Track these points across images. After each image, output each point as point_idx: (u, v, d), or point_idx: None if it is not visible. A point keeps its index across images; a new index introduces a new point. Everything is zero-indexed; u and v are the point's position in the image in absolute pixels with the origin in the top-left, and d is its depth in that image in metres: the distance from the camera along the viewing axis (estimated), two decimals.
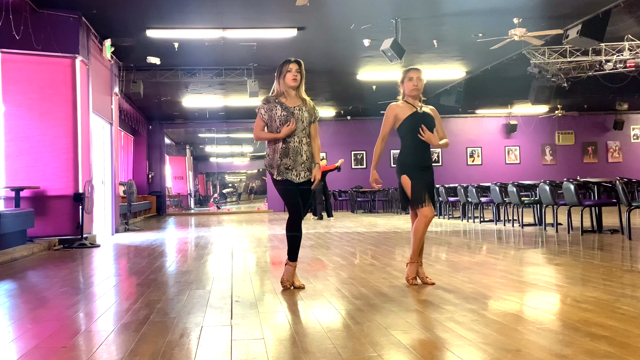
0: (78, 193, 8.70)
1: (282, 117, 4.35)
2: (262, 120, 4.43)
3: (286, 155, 4.35)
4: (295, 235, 4.40)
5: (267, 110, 4.41)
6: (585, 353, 2.52)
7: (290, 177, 4.36)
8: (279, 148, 4.37)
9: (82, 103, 9.23)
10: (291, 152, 4.35)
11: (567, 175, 11.41)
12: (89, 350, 2.85)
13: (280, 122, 4.35)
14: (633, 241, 7.40)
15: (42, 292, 4.76)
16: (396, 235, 9.39)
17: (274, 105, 4.40)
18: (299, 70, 4.40)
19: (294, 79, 4.38)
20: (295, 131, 4.35)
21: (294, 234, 4.39)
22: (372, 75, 14.61)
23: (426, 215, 4.44)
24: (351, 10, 9.75)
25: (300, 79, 4.42)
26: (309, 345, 2.81)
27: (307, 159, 4.39)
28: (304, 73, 4.46)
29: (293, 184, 4.38)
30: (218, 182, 30.93)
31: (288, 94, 4.43)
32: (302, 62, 4.45)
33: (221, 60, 12.95)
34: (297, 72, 4.39)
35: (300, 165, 4.36)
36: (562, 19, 10.32)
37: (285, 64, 4.42)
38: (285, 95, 4.43)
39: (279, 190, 4.45)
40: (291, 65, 4.39)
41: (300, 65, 4.43)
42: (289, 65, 4.39)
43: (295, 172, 4.36)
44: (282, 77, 4.42)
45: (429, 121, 4.55)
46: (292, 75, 4.38)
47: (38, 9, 8.73)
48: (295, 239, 4.41)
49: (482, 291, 4.12)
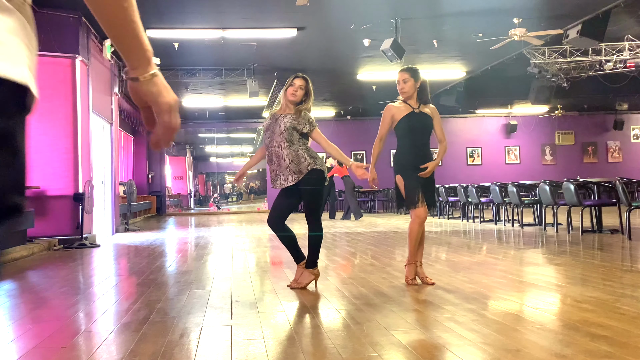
0: (78, 193, 8.69)
1: (266, 125, 4.50)
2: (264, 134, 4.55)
3: (271, 161, 4.44)
4: (284, 235, 4.44)
5: (265, 124, 4.54)
6: (585, 353, 2.52)
7: (280, 183, 4.39)
8: (267, 157, 4.51)
9: (82, 103, 9.22)
10: (274, 156, 4.40)
11: (567, 175, 11.40)
12: (89, 350, 2.85)
13: (264, 130, 4.51)
14: (633, 241, 7.40)
15: (42, 292, 4.76)
16: (396, 235, 9.38)
17: (270, 117, 4.54)
18: (302, 86, 4.40)
19: (293, 93, 4.41)
20: (273, 136, 4.39)
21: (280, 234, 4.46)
22: (372, 75, 14.61)
23: (419, 216, 4.43)
24: (351, 10, 9.75)
25: (304, 96, 4.42)
26: (309, 345, 2.81)
27: (292, 162, 4.34)
28: (311, 91, 4.44)
29: (287, 191, 4.41)
30: (218, 182, 30.92)
31: (288, 107, 4.47)
32: (309, 79, 4.45)
33: (221, 60, 12.95)
34: (300, 88, 4.40)
35: (285, 169, 4.36)
36: (562, 19, 10.32)
37: (292, 78, 4.46)
38: (284, 108, 4.48)
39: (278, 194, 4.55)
40: (295, 80, 4.42)
41: (307, 82, 4.42)
42: (294, 80, 4.43)
43: (283, 176, 4.37)
44: (285, 90, 4.48)
45: (426, 121, 4.54)
46: (292, 90, 4.41)
47: (38, 9, 8.73)
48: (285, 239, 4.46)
49: (482, 291, 4.12)
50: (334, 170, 14.73)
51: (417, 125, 4.51)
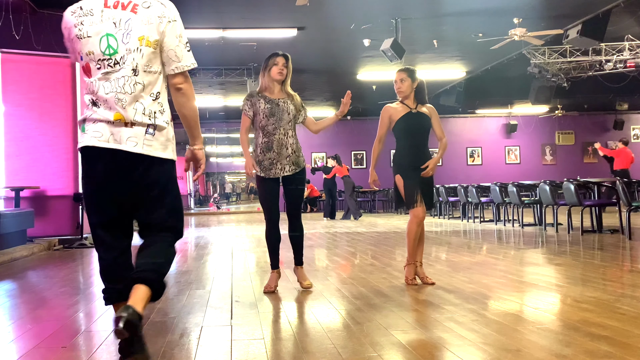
0: (78, 193, 8.69)
1: (266, 110, 4.21)
2: (247, 116, 4.27)
3: (269, 149, 4.23)
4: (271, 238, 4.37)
5: (251, 105, 4.25)
6: (585, 353, 2.52)
7: (275, 172, 4.24)
8: (260, 143, 4.25)
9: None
10: (275, 145, 4.23)
11: (567, 175, 11.39)
12: (89, 350, 2.85)
13: (264, 115, 4.21)
14: (633, 241, 7.40)
15: (42, 292, 4.76)
16: (396, 235, 9.38)
17: (257, 99, 4.25)
18: (285, 64, 4.26)
19: (280, 72, 4.23)
20: (280, 123, 4.24)
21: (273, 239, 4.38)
22: (372, 75, 14.61)
23: (417, 216, 4.43)
24: (351, 10, 9.75)
25: (287, 74, 4.29)
26: (309, 345, 2.81)
27: (293, 152, 4.28)
28: (290, 68, 4.32)
29: (277, 185, 4.29)
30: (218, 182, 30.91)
31: (273, 88, 4.29)
32: (290, 56, 4.33)
33: (221, 60, 12.95)
34: (284, 67, 4.25)
35: (285, 158, 4.25)
36: (562, 19, 10.32)
37: (272, 57, 4.27)
38: (270, 89, 4.29)
39: (260, 190, 4.34)
40: (278, 59, 4.25)
41: (288, 59, 4.29)
42: (276, 59, 4.25)
43: (280, 165, 4.24)
44: (267, 70, 4.27)
45: (424, 121, 4.54)
46: (277, 69, 4.23)
47: (38, 9, 8.73)
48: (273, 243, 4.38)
49: (482, 291, 4.12)
50: (335, 170, 14.70)
51: (415, 125, 4.51)
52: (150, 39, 2.38)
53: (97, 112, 2.42)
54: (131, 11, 2.38)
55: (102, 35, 2.37)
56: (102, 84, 2.40)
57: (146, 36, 2.37)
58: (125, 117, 2.36)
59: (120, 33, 2.37)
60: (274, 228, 4.35)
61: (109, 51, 2.37)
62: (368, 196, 19.51)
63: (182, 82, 2.44)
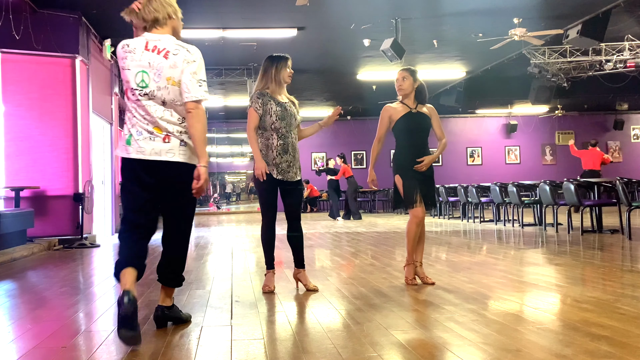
0: (78, 193, 8.69)
1: (277, 112, 4.20)
2: (256, 113, 4.21)
3: (286, 151, 4.21)
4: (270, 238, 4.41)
5: (262, 104, 4.21)
6: (585, 353, 2.52)
7: (291, 175, 4.25)
8: (276, 145, 4.20)
9: (82, 103, 9.23)
10: (290, 147, 4.23)
11: (567, 175, 11.40)
12: (89, 350, 2.85)
13: (277, 117, 4.19)
14: (633, 241, 7.40)
15: (42, 292, 4.76)
16: (396, 235, 9.38)
17: (268, 99, 4.23)
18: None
19: (290, 76, 4.33)
20: (290, 127, 4.26)
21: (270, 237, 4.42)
22: (372, 75, 14.61)
23: (417, 216, 4.43)
24: (351, 10, 9.75)
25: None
26: (309, 345, 2.81)
27: (298, 157, 4.35)
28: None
29: (277, 185, 4.28)
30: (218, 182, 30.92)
31: (280, 91, 4.31)
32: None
33: (221, 60, 12.95)
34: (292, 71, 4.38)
35: (297, 162, 4.31)
36: (562, 19, 10.32)
37: (283, 60, 4.29)
38: (277, 92, 4.30)
39: (264, 190, 4.28)
40: (290, 62, 4.33)
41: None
42: (288, 62, 4.31)
43: (294, 169, 4.27)
44: (277, 72, 4.26)
45: (424, 121, 4.54)
46: (289, 73, 4.31)
47: (38, 9, 8.73)
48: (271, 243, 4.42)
49: (482, 291, 4.12)
50: (342, 169, 14.79)
51: (415, 125, 4.51)
52: (175, 79, 3.02)
53: (135, 126, 3.06)
54: (163, 57, 3.03)
55: (138, 71, 3.02)
56: (137, 109, 3.05)
57: (172, 77, 3.02)
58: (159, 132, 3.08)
59: (152, 72, 3.01)
60: (271, 227, 4.39)
61: (142, 84, 3.02)
62: (368, 196, 19.52)
63: (192, 108, 3.02)
